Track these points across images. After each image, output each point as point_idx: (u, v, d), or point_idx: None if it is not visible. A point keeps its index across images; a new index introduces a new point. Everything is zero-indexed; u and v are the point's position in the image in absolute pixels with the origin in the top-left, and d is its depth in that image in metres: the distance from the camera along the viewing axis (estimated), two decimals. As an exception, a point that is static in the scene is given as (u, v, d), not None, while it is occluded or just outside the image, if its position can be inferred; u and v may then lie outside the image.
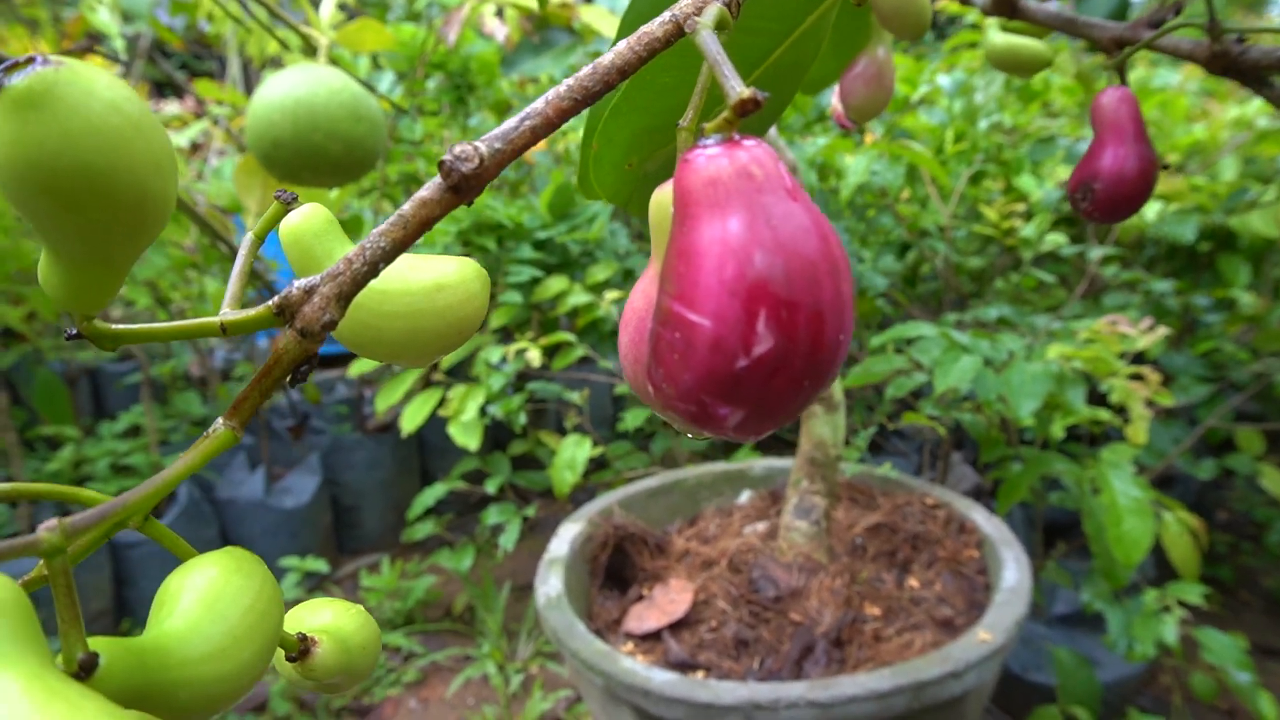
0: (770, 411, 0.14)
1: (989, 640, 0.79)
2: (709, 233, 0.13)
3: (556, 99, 0.16)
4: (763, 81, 0.34)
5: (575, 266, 1.81)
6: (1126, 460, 1.11)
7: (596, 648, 0.83)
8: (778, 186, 0.14)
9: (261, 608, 0.15)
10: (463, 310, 0.18)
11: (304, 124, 0.74)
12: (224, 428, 0.15)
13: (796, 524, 0.94)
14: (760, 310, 0.13)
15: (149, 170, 0.12)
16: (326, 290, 0.15)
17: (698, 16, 0.15)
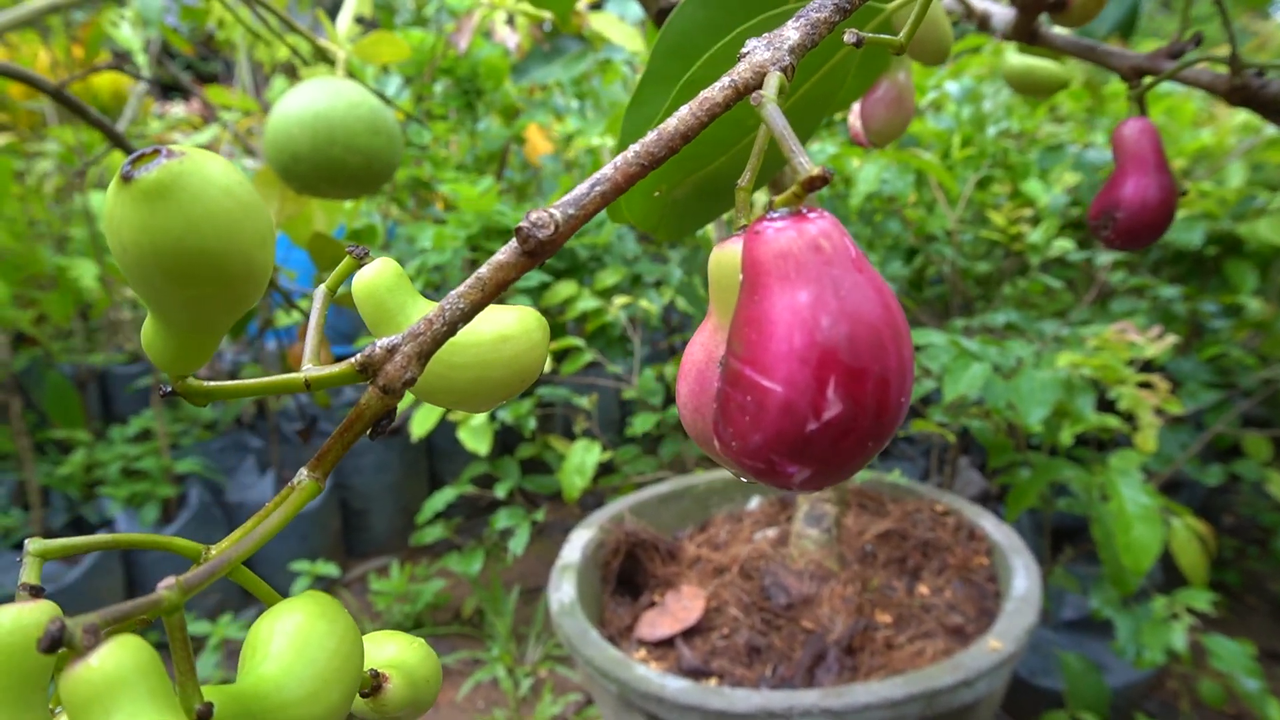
0: (835, 470, 0.15)
1: (1000, 649, 0.79)
2: (780, 303, 0.14)
3: (625, 165, 0.16)
4: (792, 113, 0.35)
5: (584, 271, 1.82)
6: (1135, 467, 1.12)
7: (610, 655, 0.84)
8: (845, 259, 0.14)
9: (346, 650, 0.16)
10: (527, 359, 0.19)
11: (322, 138, 0.75)
12: (308, 479, 0.16)
13: (808, 532, 0.95)
14: (830, 377, 0.14)
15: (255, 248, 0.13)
16: (408, 349, 0.16)
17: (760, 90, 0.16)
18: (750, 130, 0.35)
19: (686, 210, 0.39)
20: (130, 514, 1.58)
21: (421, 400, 0.19)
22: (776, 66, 0.17)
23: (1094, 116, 1.90)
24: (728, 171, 0.38)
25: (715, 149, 0.36)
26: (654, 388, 1.58)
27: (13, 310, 1.58)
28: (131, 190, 0.12)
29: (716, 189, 0.39)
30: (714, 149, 0.35)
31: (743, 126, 0.35)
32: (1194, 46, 0.37)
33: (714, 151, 0.36)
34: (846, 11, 0.19)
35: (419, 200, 2.06)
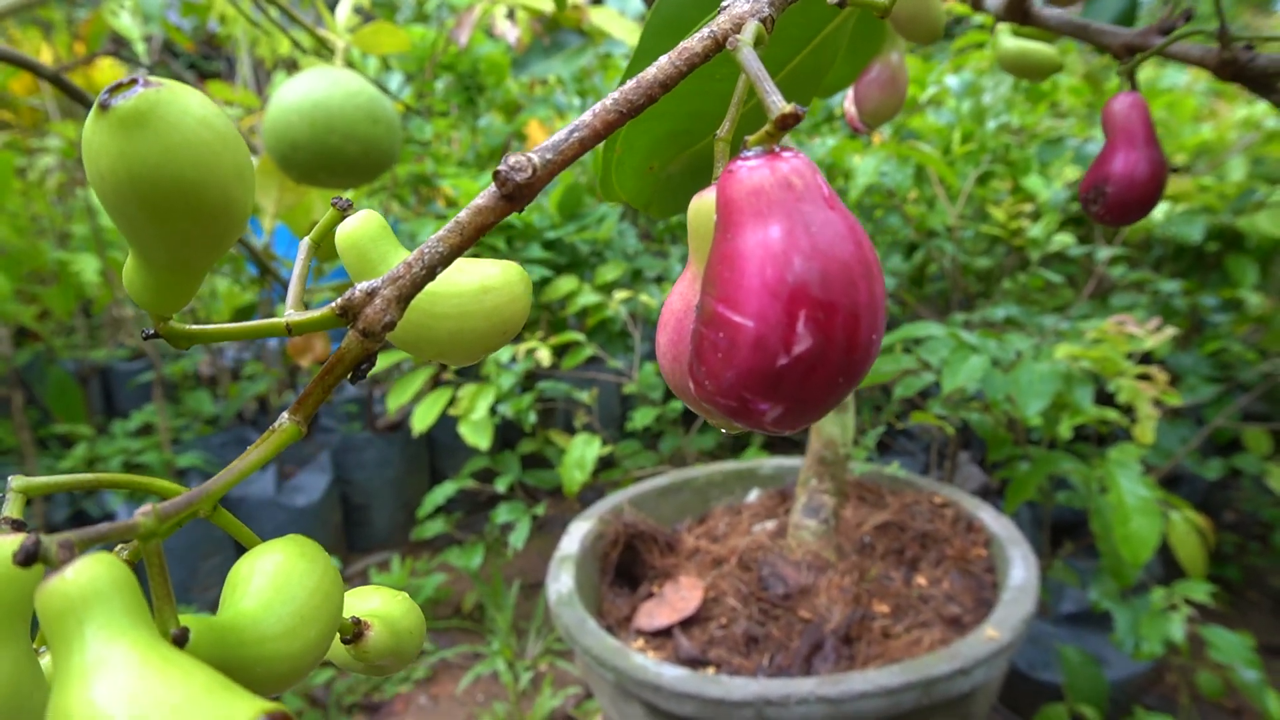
0: (807, 407, 0.15)
1: (997, 638, 0.79)
2: (752, 239, 0.14)
3: (604, 111, 0.16)
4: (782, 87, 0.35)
5: (584, 266, 1.82)
6: (1134, 460, 1.12)
7: (608, 644, 0.84)
8: (816, 196, 0.14)
9: (325, 589, 0.16)
10: (508, 310, 0.19)
11: (321, 126, 0.75)
12: (289, 422, 0.16)
13: (806, 522, 0.95)
14: (800, 312, 0.14)
15: (233, 180, 0.13)
16: (388, 293, 0.16)
17: (738, 34, 0.16)
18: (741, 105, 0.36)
19: (679, 187, 0.39)
20: (130, 507, 1.58)
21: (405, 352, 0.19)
22: (755, 17, 0.18)
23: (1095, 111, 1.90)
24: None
25: (707, 124, 0.36)
26: (654, 382, 1.58)
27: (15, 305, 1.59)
28: (109, 118, 0.12)
29: (708, 166, 0.39)
30: (705, 124, 0.36)
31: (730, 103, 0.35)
32: (1184, 22, 0.37)
33: (705, 127, 0.36)
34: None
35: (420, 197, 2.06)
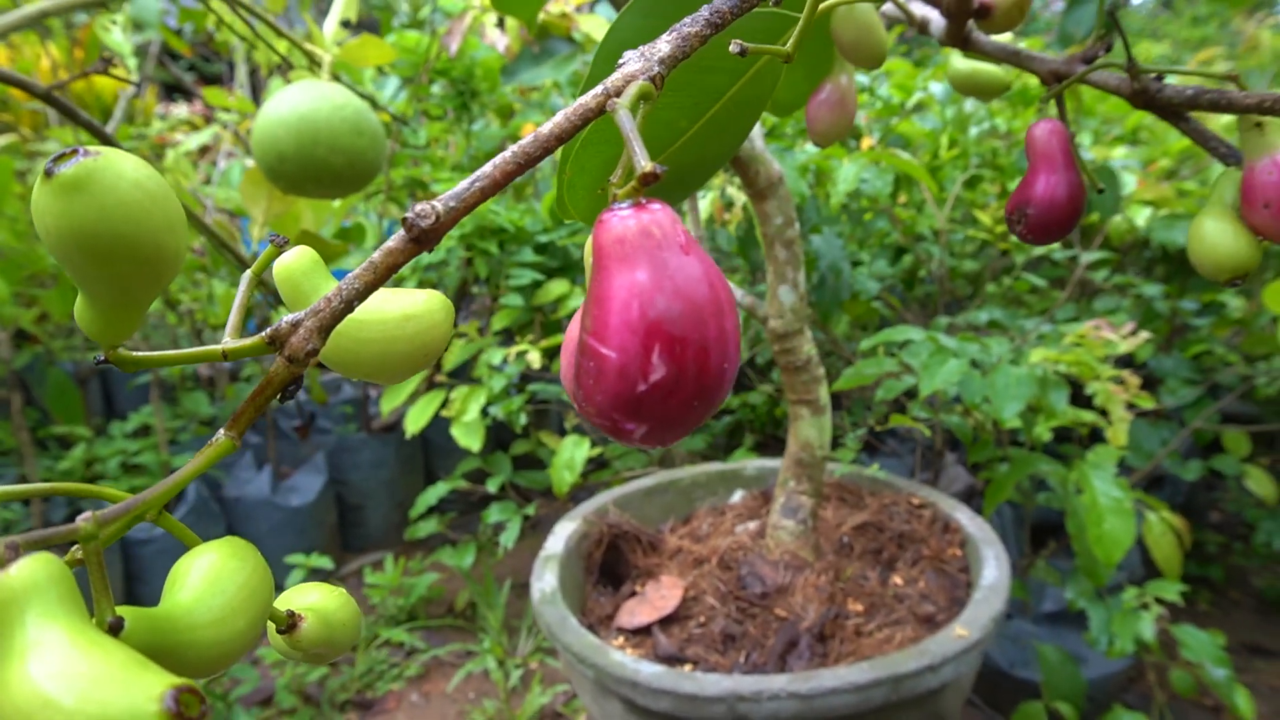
0: (668, 427, 0.17)
1: (965, 635, 0.81)
2: (616, 281, 0.16)
3: (503, 163, 0.19)
4: (723, 114, 0.37)
5: (576, 270, 1.84)
6: (1110, 462, 1.14)
7: (588, 641, 0.86)
8: (673, 243, 0.17)
9: (254, 585, 0.18)
10: (429, 336, 0.21)
11: (307, 138, 0.78)
12: (224, 437, 0.19)
13: (784, 523, 0.97)
14: (655, 345, 0.16)
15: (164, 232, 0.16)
16: (310, 324, 0.18)
17: (616, 97, 0.18)
18: (685, 131, 0.38)
19: (631, 207, 0.41)
20: (129, 508, 1.60)
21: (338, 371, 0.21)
22: (645, 76, 0.20)
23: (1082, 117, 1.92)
24: (672, 168, 0.40)
25: (656, 148, 0.38)
26: (643, 384, 1.60)
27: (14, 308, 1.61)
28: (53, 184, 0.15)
29: (661, 185, 0.41)
30: (655, 148, 0.38)
31: (676, 129, 0.37)
32: (1105, 52, 0.39)
33: (655, 150, 0.38)
34: (718, 26, 0.21)
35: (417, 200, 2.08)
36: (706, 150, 0.39)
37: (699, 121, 0.37)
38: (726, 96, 0.36)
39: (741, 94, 0.37)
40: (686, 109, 0.36)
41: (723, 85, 0.36)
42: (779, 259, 0.90)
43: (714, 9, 0.21)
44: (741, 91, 0.36)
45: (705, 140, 0.38)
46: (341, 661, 1.54)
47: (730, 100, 0.37)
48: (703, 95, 0.36)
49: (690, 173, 0.41)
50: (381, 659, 1.55)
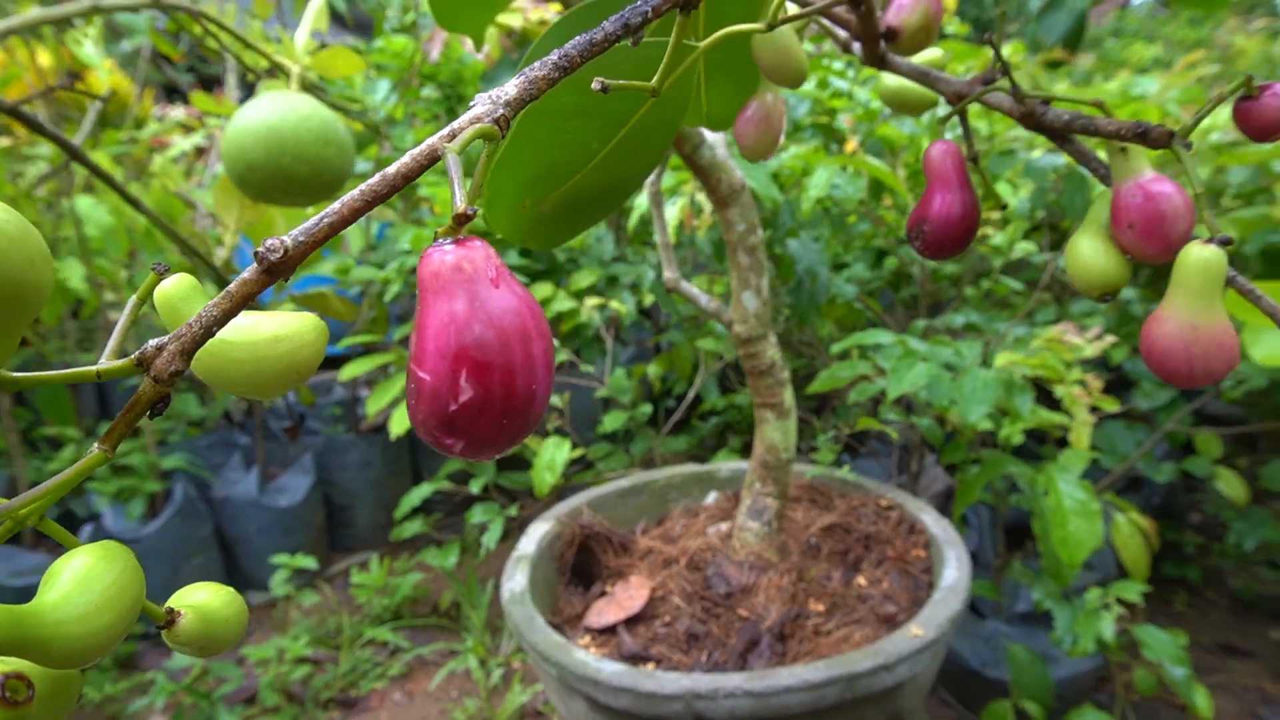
0: (482, 442, 0.19)
1: (921, 635, 0.83)
2: (433, 312, 0.18)
3: (350, 202, 0.20)
4: (634, 136, 0.39)
5: (561, 272, 1.86)
6: (1078, 465, 1.15)
7: (553, 640, 0.88)
8: (484, 277, 0.18)
9: (122, 584, 0.20)
10: (299, 356, 0.23)
11: (274, 148, 0.79)
12: (97, 450, 0.20)
13: (749, 524, 0.99)
14: (463, 369, 0.18)
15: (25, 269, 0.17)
16: (173, 347, 0.20)
17: (448, 142, 0.20)
18: (596, 153, 0.39)
19: (555, 223, 0.43)
20: (117, 508, 1.62)
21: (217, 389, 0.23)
22: (489, 118, 0.21)
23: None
24: (589, 187, 0.42)
25: (566, 169, 0.40)
26: (625, 386, 1.62)
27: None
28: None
29: (580, 203, 0.43)
30: (565, 169, 0.40)
31: (588, 150, 0.39)
32: (1002, 75, 0.40)
33: (566, 171, 0.40)
34: (566, 70, 0.23)
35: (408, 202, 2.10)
36: (622, 170, 0.41)
37: (610, 143, 0.39)
38: (635, 120, 0.38)
39: (650, 118, 0.38)
40: (597, 132, 0.38)
41: (630, 110, 0.37)
42: (742, 265, 0.92)
43: (562, 53, 0.23)
44: (649, 116, 0.38)
45: (619, 161, 0.40)
46: (326, 660, 1.56)
47: (639, 124, 0.38)
48: (611, 119, 0.38)
49: (607, 192, 0.43)
50: (366, 658, 1.57)
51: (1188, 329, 0.28)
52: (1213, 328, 0.28)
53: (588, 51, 0.23)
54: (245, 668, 1.50)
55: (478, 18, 0.55)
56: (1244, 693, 1.41)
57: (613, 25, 0.24)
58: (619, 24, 0.24)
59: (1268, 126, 0.29)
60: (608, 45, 0.24)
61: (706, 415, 1.91)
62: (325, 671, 1.52)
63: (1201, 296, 0.28)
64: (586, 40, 0.23)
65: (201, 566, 1.67)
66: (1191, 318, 0.28)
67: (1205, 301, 0.28)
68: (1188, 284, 0.28)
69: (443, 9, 0.54)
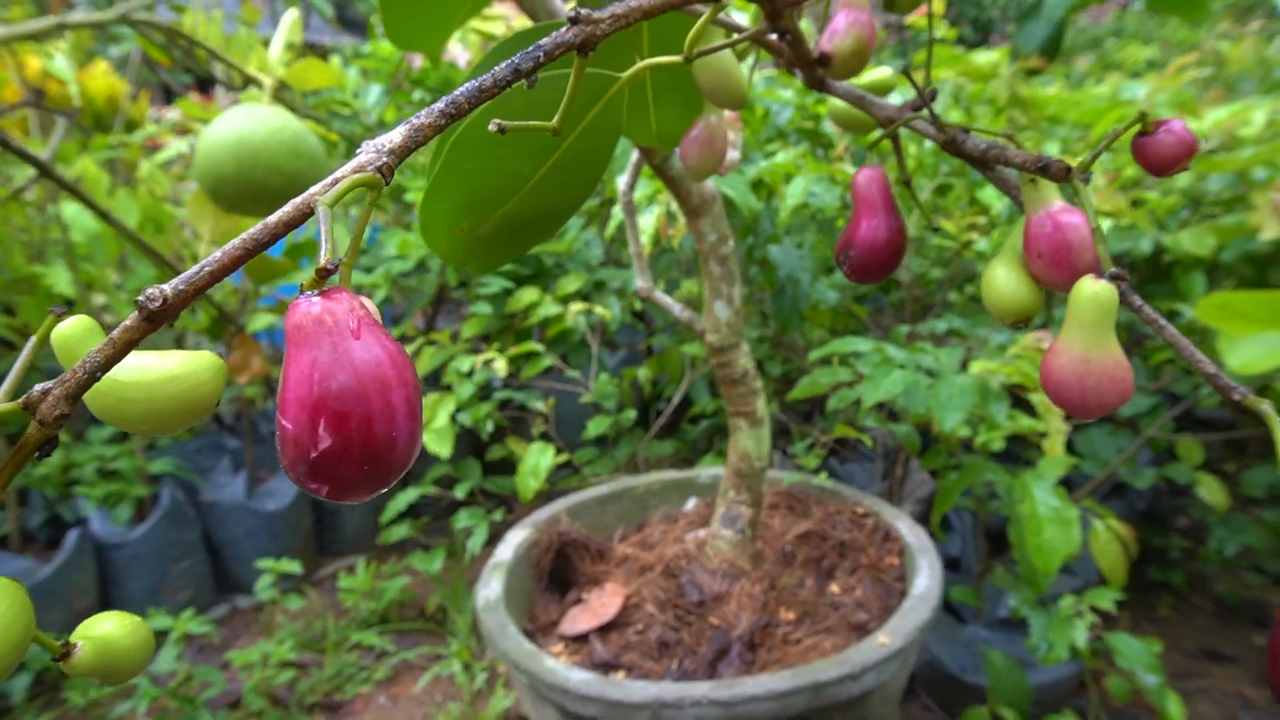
0: (348, 487, 0.19)
1: (888, 644, 0.84)
2: (295, 363, 0.19)
3: (231, 250, 0.21)
4: (567, 162, 0.40)
5: (549, 277, 1.86)
6: (1055, 472, 1.16)
7: (524, 649, 0.88)
8: (344, 330, 0.19)
9: (7, 621, 0.21)
10: (193, 395, 0.23)
11: (245, 161, 0.80)
12: (-18, 491, 0.21)
13: (723, 532, 0.99)
14: (321, 419, 0.18)
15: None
16: (58, 392, 0.21)
17: (321, 195, 0.21)
18: (528, 179, 0.40)
19: (495, 245, 0.43)
20: (104, 513, 1.63)
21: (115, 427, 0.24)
22: (372, 167, 0.22)
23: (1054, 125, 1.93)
24: (526, 211, 0.43)
25: (499, 195, 0.40)
26: (609, 391, 1.62)
27: (-5, 316, 1.64)
28: None
29: (520, 225, 0.43)
30: (498, 195, 0.40)
31: (520, 176, 0.40)
32: (931, 101, 0.41)
33: (500, 196, 0.40)
34: (453, 116, 0.24)
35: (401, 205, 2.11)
36: (557, 195, 0.42)
37: (542, 169, 0.39)
38: (564, 147, 0.39)
39: (581, 145, 0.39)
40: (528, 159, 0.39)
41: (555, 140, 0.38)
42: (714, 275, 0.93)
43: (450, 100, 0.24)
44: (580, 143, 0.39)
45: (553, 186, 0.41)
46: (311, 664, 1.56)
47: (570, 151, 0.39)
48: (540, 147, 0.38)
49: (546, 215, 0.43)
50: (351, 662, 1.57)
51: (1080, 362, 0.29)
52: (1104, 361, 0.28)
53: (475, 98, 0.24)
54: (230, 672, 1.51)
55: (432, 38, 0.55)
56: (1225, 698, 1.42)
57: (503, 70, 0.25)
58: (509, 69, 0.25)
59: (1164, 161, 0.30)
60: (497, 90, 0.24)
61: (697, 419, 1.91)
62: (310, 676, 1.52)
63: (1094, 330, 0.28)
64: (475, 87, 0.24)
65: (189, 570, 1.68)
66: (1084, 351, 0.29)
67: (1098, 335, 0.28)
68: (1081, 318, 0.29)
69: (396, 30, 0.54)
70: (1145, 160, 0.30)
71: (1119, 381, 0.29)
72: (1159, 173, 0.30)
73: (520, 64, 0.25)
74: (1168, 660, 1.53)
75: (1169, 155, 0.30)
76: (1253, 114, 1.59)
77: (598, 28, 0.26)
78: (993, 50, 1.71)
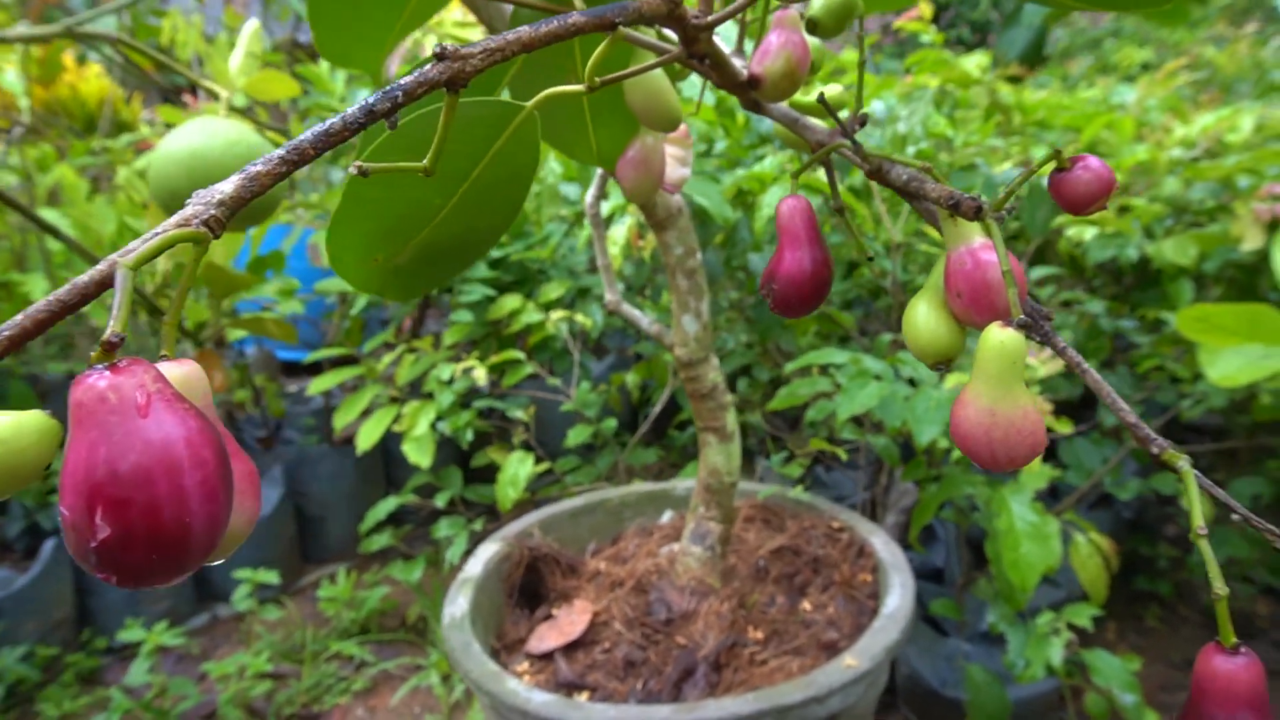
0: (137, 576, 0.18)
1: (855, 666, 0.82)
2: (75, 443, 0.18)
3: (35, 312, 0.20)
4: (480, 190, 0.38)
5: (533, 283, 1.85)
6: (1035, 484, 1.14)
7: (487, 669, 0.87)
8: (130, 407, 0.18)
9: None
10: (18, 459, 0.22)
11: (198, 176, 0.79)
12: None
13: (692, 549, 0.98)
14: (98, 506, 0.17)
15: None
16: None
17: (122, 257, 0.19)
18: (440, 208, 0.38)
19: (414, 274, 0.42)
20: (83, 522, 1.62)
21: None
22: (198, 220, 0.21)
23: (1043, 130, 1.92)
24: (444, 239, 0.41)
25: (416, 224, 0.39)
26: (590, 400, 1.61)
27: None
28: None
29: (438, 254, 0.42)
30: (411, 224, 0.39)
31: (431, 206, 0.38)
32: (860, 127, 0.39)
33: (415, 226, 0.39)
34: (294, 163, 0.22)
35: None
36: (475, 223, 0.40)
37: (453, 198, 0.38)
38: (475, 175, 0.37)
39: (491, 174, 0.37)
40: (436, 189, 0.37)
41: (465, 168, 0.37)
42: (681, 289, 0.91)
43: (292, 146, 0.22)
44: (490, 171, 0.37)
45: (468, 215, 0.39)
46: (289, 675, 1.55)
47: (483, 180, 0.37)
48: (448, 176, 0.37)
49: (466, 242, 0.42)
50: (330, 672, 1.56)
51: (987, 414, 0.27)
52: (1012, 414, 0.27)
53: (322, 142, 0.22)
54: (206, 684, 1.50)
55: (367, 54, 0.54)
56: (1211, 711, 1.40)
57: (355, 113, 0.23)
58: (362, 110, 0.23)
59: (1080, 199, 0.28)
60: (347, 134, 0.23)
61: (685, 424, 1.89)
62: (289, 686, 1.51)
63: (1000, 382, 0.27)
64: (322, 130, 0.23)
65: (168, 580, 1.67)
66: (990, 404, 0.27)
67: (1004, 387, 0.27)
68: (986, 369, 0.27)
69: (328, 46, 0.53)
70: (1061, 198, 0.29)
71: (1028, 435, 0.27)
72: (1076, 211, 0.29)
73: (375, 105, 0.23)
74: (1154, 672, 1.51)
75: (1085, 193, 0.28)
76: (1241, 120, 1.57)
77: (467, 64, 0.25)
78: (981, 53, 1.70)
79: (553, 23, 0.27)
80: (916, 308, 0.33)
